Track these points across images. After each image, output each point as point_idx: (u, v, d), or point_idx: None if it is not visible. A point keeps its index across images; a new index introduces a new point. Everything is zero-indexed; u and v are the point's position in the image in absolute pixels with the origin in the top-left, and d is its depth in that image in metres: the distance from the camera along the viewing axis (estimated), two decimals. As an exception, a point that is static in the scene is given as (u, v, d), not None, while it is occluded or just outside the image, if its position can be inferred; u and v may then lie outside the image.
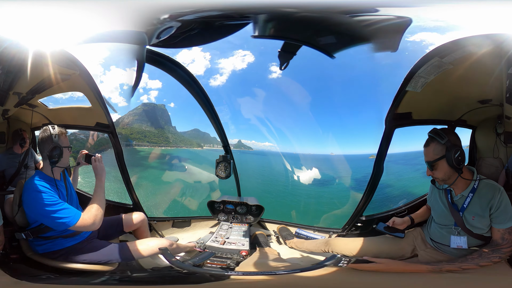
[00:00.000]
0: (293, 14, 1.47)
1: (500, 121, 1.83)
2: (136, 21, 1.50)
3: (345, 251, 1.87)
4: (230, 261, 1.87)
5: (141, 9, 1.49)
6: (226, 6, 1.49)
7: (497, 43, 1.36)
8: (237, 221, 2.63)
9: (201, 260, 1.89)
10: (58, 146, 1.67)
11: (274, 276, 1.59)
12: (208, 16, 1.52)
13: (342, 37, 1.57)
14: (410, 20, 1.36)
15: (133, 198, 2.54)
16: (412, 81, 1.69)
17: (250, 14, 1.49)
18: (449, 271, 1.48)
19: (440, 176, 1.57)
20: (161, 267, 1.83)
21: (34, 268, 1.62)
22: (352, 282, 1.56)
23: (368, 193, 2.23)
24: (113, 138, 2.39)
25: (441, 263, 1.54)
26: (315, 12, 1.45)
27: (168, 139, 12.39)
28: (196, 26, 1.56)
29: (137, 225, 2.12)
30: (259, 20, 1.51)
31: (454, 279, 1.47)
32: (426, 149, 1.59)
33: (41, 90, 1.95)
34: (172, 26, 1.52)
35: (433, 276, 1.49)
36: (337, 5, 1.44)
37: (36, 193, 1.56)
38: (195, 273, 1.68)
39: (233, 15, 1.51)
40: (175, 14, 1.48)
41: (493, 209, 1.48)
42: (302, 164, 6.85)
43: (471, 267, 1.48)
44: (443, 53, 1.51)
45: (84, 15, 1.48)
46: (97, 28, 1.52)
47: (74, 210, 1.61)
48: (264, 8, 1.47)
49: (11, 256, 1.66)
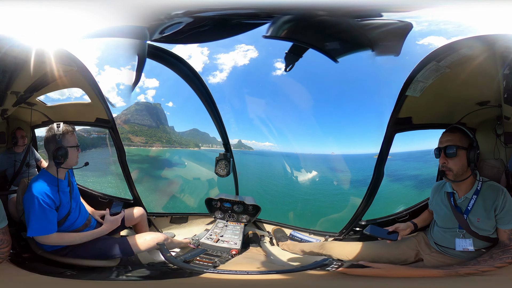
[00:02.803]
0: (310, 17, 1.47)
1: (500, 122, 1.81)
2: (139, 17, 1.50)
3: (341, 255, 1.84)
4: (218, 259, 1.88)
5: (149, 5, 1.49)
6: (249, 6, 1.49)
7: (491, 44, 1.36)
8: (233, 220, 2.64)
9: (191, 256, 1.90)
10: (62, 147, 1.63)
11: (258, 276, 1.59)
12: (227, 14, 1.52)
13: (348, 41, 1.56)
14: (411, 24, 1.34)
15: (133, 193, 2.57)
16: (411, 85, 1.68)
17: (273, 15, 1.49)
18: (468, 274, 1.46)
19: (456, 168, 1.52)
20: (156, 262, 1.86)
21: (49, 265, 1.64)
22: (347, 286, 1.54)
23: (368, 197, 2.20)
24: (114, 133, 2.41)
25: (453, 266, 1.52)
26: (330, 15, 1.45)
27: (161, 138, 12.12)
28: (209, 23, 1.56)
29: (137, 219, 2.16)
30: (276, 22, 1.50)
31: (475, 282, 1.44)
32: (452, 135, 1.54)
33: (39, 88, 1.96)
34: (182, 21, 1.52)
35: (447, 281, 1.47)
36: (344, 9, 1.43)
37: (31, 195, 1.57)
38: (183, 269, 1.69)
39: (256, 14, 1.51)
40: (193, 11, 1.48)
41: (497, 210, 1.47)
42: (308, 165, 6.74)
43: (488, 269, 1.45)
44: (439, 57, 1.51)
45: (85, 12, 1.49)
46: (98, 24, 1.52)
47: (50, 225, 1.59)
48: (283, 10, 1.48)
49: (23, 255, 1.68)
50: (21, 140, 2.30)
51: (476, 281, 1.43)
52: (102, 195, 2.53)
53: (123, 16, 1.50)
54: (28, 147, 2.35)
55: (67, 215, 1.70)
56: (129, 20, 1.51)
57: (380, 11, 1.41)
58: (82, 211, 1.87)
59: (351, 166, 4.72)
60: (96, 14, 1.50)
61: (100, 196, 2.52)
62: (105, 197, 2.52)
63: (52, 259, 1.67)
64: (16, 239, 1.66)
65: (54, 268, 1.61)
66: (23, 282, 1.49)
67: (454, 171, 1.53)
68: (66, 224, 1.72)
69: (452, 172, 1.54)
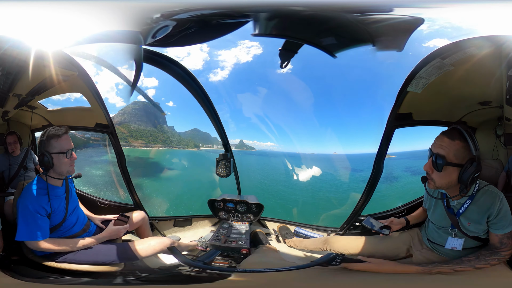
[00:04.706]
0: (294, 13, 1.45)
1: (500, 123, 1.83)
2: (131, 21, 1.49)
3: (343, 249, 1.88)
4: (232, 260, 1.90)
5: (135, 9, 1.47)
6: (222, 5, 1.47)
7: (498, 45, 1.36)
8: (237, 220, 2.65)
9: (209, 258, 1.92)
10: (45, 154, 1.54)
11: (274, 274, 1.60)
12: (203, 14, 1.50)
13: (345, 36, 1.56)
14: (420, 20, 1.33)
15: (134, 198, 2.55)
16: (413, 81, 1.69)
17: (249, 12, 1.47)
18: (439, 273, 1.42)
19: (439, 182, 1.36)
20: (167, 266, 1.83)
21: (35, 270, 1.62)
22: (347, 282, 1.55)
23: (367, 192, 2.23)
24: (113, 138, 2.39)
25: (434, 264, 1.48)
26: (317, 10, 1.43)
27: (157, 138, 11.86)
28: (192, 25, 1.54)
29: (138, 223, 2.14)
30: (259, 19, 1.49)
31: (445, 281, 1.42)
32: (448, 142, 1.29)
33: (41, 92, 1.93)
34: (168, 25, 1.51)
35: (424, 278, 1.44)
36: (342, 3, 1.42)
37: (22, 201, 1.55)
38: (205, 272, 1.69)
39: (231, 14, 1.49)
40: (168, 13, 1.46)
41: (491, 217, 1.40)
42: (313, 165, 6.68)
43: (465, 269, 1.41)
44: (444, 55, 1.50)
45: (81, 17, 1.47)
46: (92, 29, 1.51)
47: (40, 231, 1.55)
48: (264, 6, 1.45)
49: (12, 258, 1.66)
50: (10, 147, 2.23)
51: (444, 280, 1.40)
52: (101, 200, 2.51)
53: (117, 20, 1.49)
54: (27, 150, 2.33)
55: (62, 222, 1.67)
56: (122, 25, 1.50)
57: (390, 7, 1.38)
58: (80, 217, 1.84)
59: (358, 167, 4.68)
60: (90, 18, 1.48)
61: (99, 201, 2.50)
62: (104, 202, 2.50)
63: (43, 264, 1.63)
64: (10, 242, 1.64)
65: (40, 273, 1.59)
66: (6, 286, 1.47)
67: (437, 184, 1.38)
68: (62, 230, 1.69)
69: (435, 184, 1.38)
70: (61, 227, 1.68)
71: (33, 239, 1.56)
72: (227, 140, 2.80)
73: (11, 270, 1.56)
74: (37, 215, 1.55)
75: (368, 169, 2.16)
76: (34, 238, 1.55)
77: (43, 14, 1.38)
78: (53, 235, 1.64)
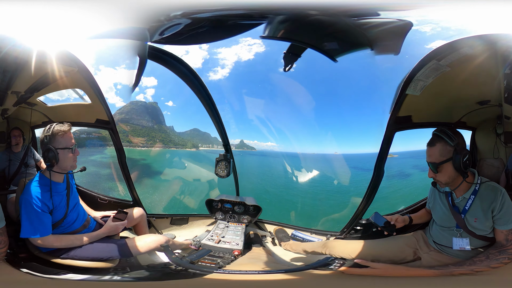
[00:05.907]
0: (305, 17, 1.47)
1: (500, 122, 1.82)
2: (140, 18, 1.51)
3: (343, 253, 1.84)
4: (221, 260, 1.88)
5: (148, 7, 1.50)
6: (243, 6, 1.49)
7: (492, 43, 1.36)
8: (234, 221, 2.63)
9: (197, 257, 1.90)
10: (51, 149, 1.56)
11: (263, 276, 1.58)
12: (221, 15, 1.52)
13: (346, 41, 1.57)
14: (411, 23, 1.35)
15: (133, 195, 2.57)
16: (412, 84, 1.69)
17: (267, 14, 1.49)
18: (462, 274, 1.44)
19: (444, 179, 1.52)
20: (156, 264, 1.84)
21: (45, 266, 1.63)
22: (346, 286, 1.54)
23: (368, 196, 2.20)
24: (114, 134, 2.41)
25: (448, 266, 1.50)
26: (326, 15, 1.46)
27: (154, 138, 11.85)
28: (206, 24, 1.56)
29: (136, 220, 2.15)
30: (272, 22, 1.50)
31: (471, 282, 1.43)
32: (431, 149, 1.51)
33: (40, 88, 1.96)
34: (181, 23, 1.53)
35: (445, 280, 1.45)
36: (342, 8, 1.43)
37: (25, 197, 1.56)
38: (188, 270, 1.68)
39: (249, 15, 1.52)
40: (189, 12, 1.48)
41: (495, 211, 1.47)
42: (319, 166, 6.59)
43: (483, 269, 1.44)
44: (440, 56, 1.51)
45: (86, 13, 1.49)
46: (99, 25, 1.53)
47: (43, 227, 1.57)
48: (278, 10, 1.48)
49: (20, 255, 1.67)
50: (14, 139, 2.27)
51: (470, 282, 1.42)
52: (101, 196, 2.53)
53: (125, 17, 1.51)
54: (28, 147, 2.35)
55: (63, 218, 1.69)
56: (130, 22, 1.52)
57: (377, 10, 1.41)
58: (80, 213, 1.86)
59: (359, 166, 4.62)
60: (97, 15, 1.50)
61: (99, 197, 2.52)
62: (104, 198, 2.52)
63: (49, 260, 1.65)
64: (15, 239, 1.66)
65: (50, 269, 1.60)
66: (18, 282, 1.49)
67: (443, 182, 1.54)
68: (63, 226, 1.71)
69: (442, 182, 1.54)
70: (62, 223, 1.69)
71: (38, 236, 1.57)
72: (228, 140, 2.80)
73: (22, 266, 1.57)
74: (40, 211, 1.57)
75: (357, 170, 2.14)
76: (39, 234, 1.57)
77: (42, 11, 1.40)
78: (54, 231, 1.66)
